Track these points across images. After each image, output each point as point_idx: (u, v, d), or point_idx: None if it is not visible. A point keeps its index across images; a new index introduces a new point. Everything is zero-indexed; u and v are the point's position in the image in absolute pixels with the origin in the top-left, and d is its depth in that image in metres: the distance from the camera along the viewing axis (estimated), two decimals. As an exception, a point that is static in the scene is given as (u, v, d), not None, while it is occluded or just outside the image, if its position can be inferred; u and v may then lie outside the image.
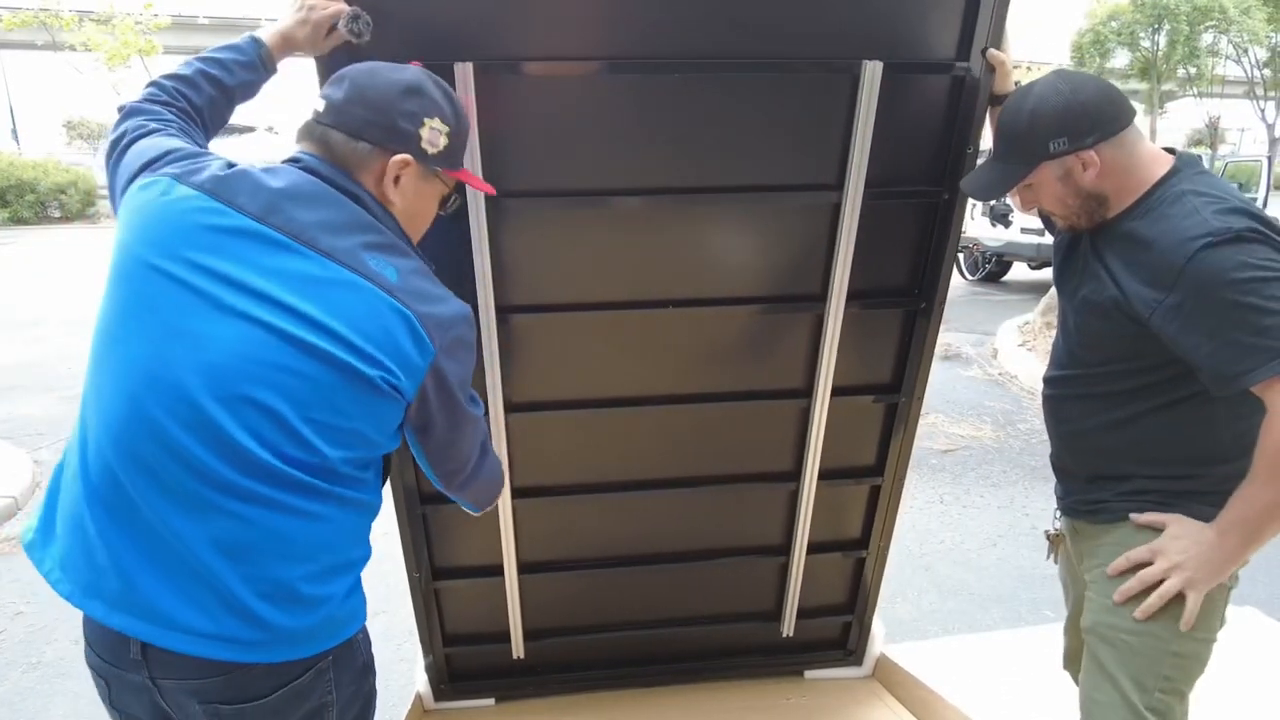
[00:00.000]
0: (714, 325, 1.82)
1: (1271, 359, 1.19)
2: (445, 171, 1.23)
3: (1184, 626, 1.35)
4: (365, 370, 1.05)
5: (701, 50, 1.51)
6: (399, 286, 1.08)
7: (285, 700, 1.12)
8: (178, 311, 1.02)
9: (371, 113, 1.15)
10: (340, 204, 1.11)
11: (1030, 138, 1.36)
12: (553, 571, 2.09)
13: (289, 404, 1.03)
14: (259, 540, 1.06)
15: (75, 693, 2.67)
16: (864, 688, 2.40)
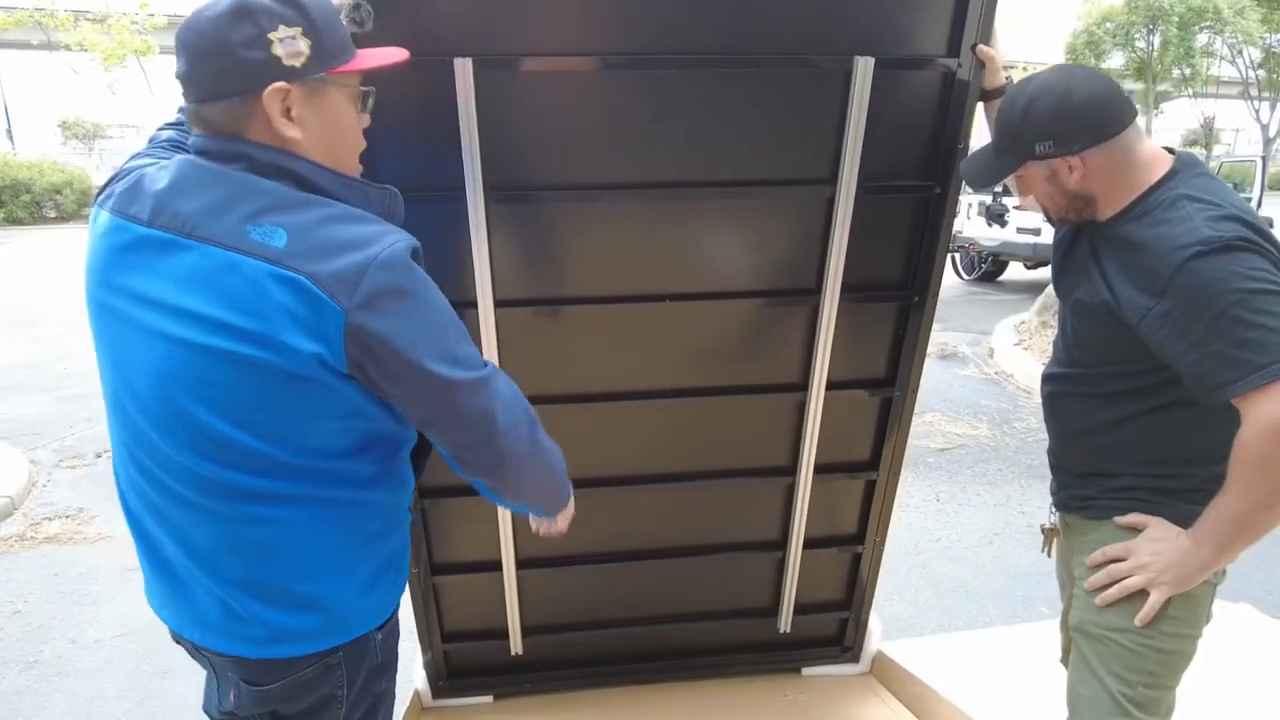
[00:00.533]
0: (710, 319, 1.83)
1: (1251, 372, 1.19)
2: (331, 72, 1.05)
3: (1139, 621, 1.38)
4: (266, 357, 0.96)
5: (696, 46, 1.52)
6: (287, 251, 0.96)
7: (291, 689, 1.16)
8: (114, 340, 1.06)
9: (213, 63, 1.00)
10: (224, 180, 1.01)
11: (1019, 136, 1.35)
12: (551, 567, 2.09)
13: (215, 414, 1.00)
14: (238, 546, 1.08)
15: (73, 691, 2.67)
16: (861, 684, 2.40)
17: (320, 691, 1.18)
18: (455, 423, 1.09)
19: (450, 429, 1.11)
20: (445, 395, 1.05)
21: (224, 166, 1.02)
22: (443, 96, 1.47)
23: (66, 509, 4.05)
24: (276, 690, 1.16)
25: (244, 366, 0.97)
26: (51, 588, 3.32)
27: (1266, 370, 1.18)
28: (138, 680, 2.72)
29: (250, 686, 1.16)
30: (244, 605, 1.10)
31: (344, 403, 1.03)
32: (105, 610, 3.14)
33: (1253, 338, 1.19)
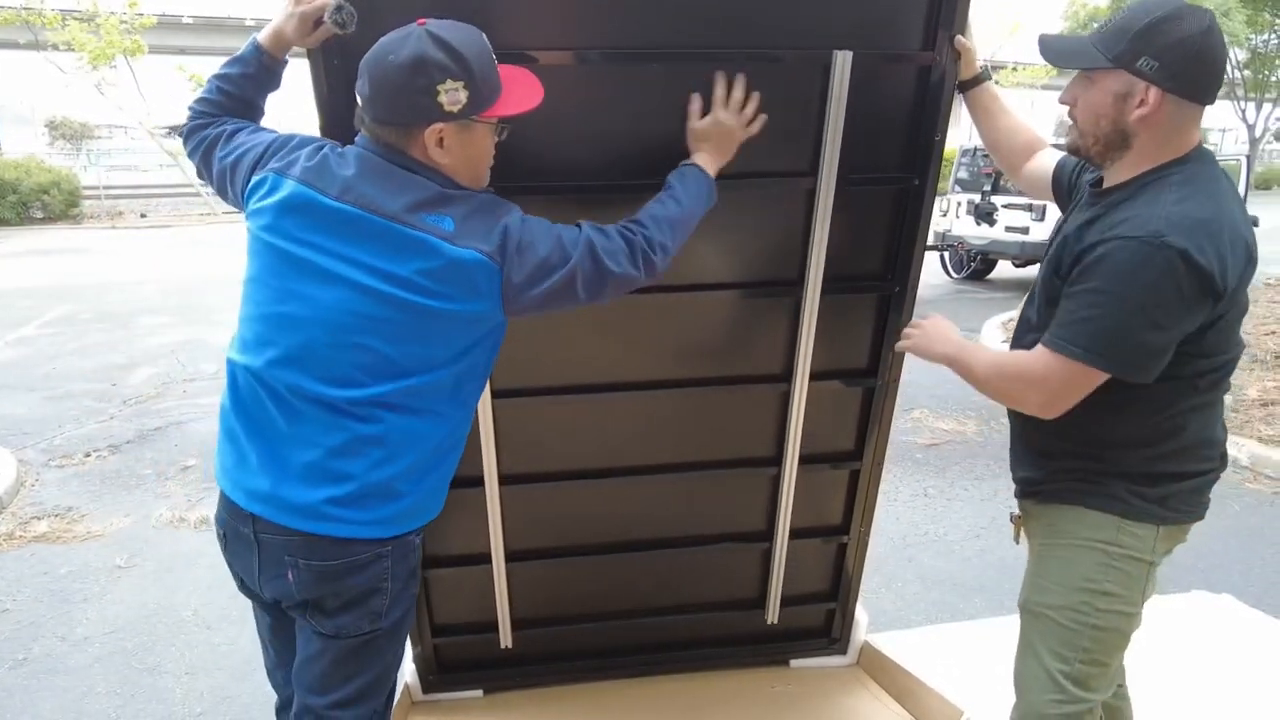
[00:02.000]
0: (695, 311, 1.85)
1: (1059, 340, 1.33)
2: (481, 116, 1.32)
3: (899, 348, 1.67)
4: (436, 306, 1.28)
5: (680, 41, 1.54)
6: (456, 232, 1.28)
7: (348, 570, 1.37)
8: (293, 278, 1.32)
9: (390, 101, 1.29)
10: (395, 175, 1.31)
11: (1134, 38, 1.28)
12: (540, 559, 2.11)
13: (381, 340, 1.30)
14: (353, 442, 1.32)
15: (62, 688, 2.67)
16: (849, 675, 2.42)
17: (369, 579, 1.38)
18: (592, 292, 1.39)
19: (592, 296, 1.40)
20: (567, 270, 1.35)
21: (392, 166, 1.32)
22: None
23: (55, 508, 4.04)
24: (333, 569, 1.36)
25: (416, 310, 1.28)
26: (40, 586, 3.31)
27: (1068, 350, 1.31)
28: (128, 676, 2.72)
29: (315, 564, 1.36)
30: (349, 494, 1.33)
31: (483, 334, 1.37)
32: (94, 608, 3.14)
33: (1092, 321, 1.30)
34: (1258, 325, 6.57)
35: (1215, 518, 3.88)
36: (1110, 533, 1.43)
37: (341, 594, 1.38)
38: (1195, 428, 1.41)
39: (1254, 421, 4.82)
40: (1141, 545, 1.43)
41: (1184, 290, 1.25)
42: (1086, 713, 1.48)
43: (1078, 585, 1.46)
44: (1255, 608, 2.91)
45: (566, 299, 1.38)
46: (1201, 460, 1.43)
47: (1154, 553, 1.44)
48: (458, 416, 1.44)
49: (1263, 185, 30.54)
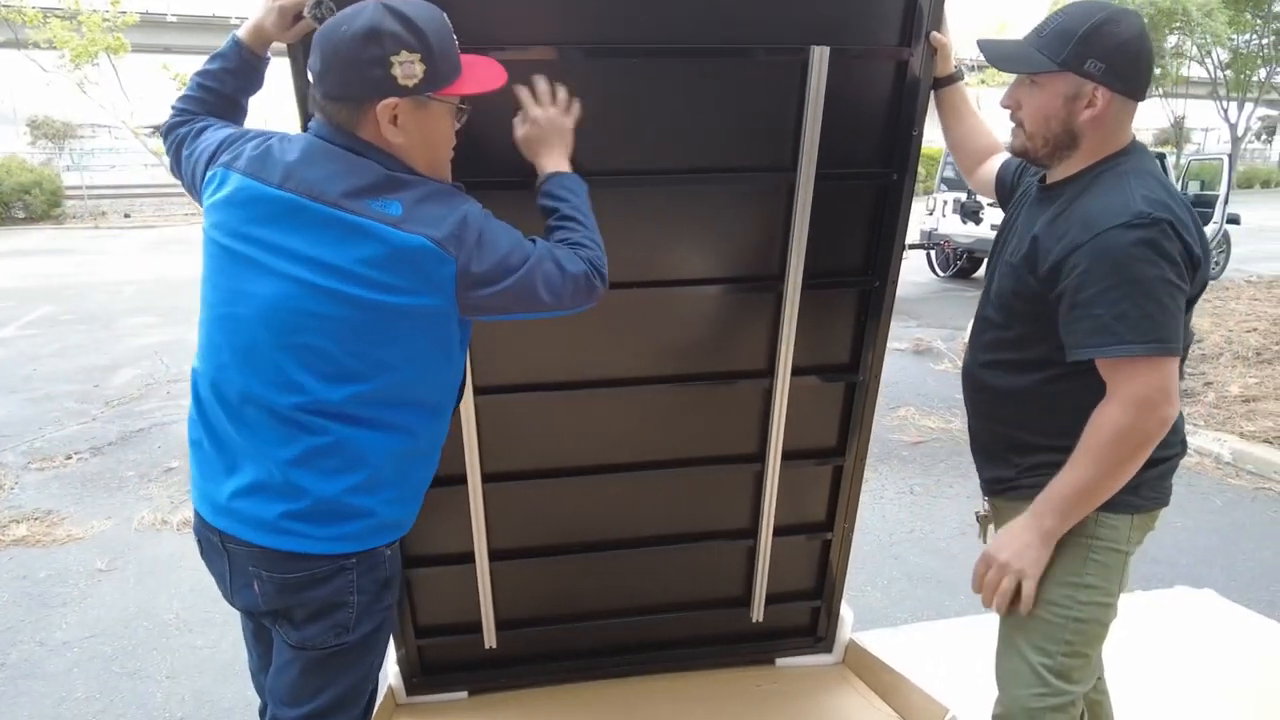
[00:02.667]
0: (677, 306, 1.85)
1: (1112, 343, 1.28)
2: (437, 94, 1.26)
3: (1024, 611, 1.45)
4: (385, 300, 1.21)
5: (659, 36, 1.54)
6: (403, 217, 1.20)
7: (305, 583, 1.32)
8: (239, 278, 1.26)
9: (342, 74, 1.22)
10: (344, 159, 1.24)
11: (1079, 43, 1.32)
12: (523, 558, 2.10)
13: (329, 340, 1.23)
14: (309, 455, 1.26)
15: (41, 693, 2.63)
16: (834, 674, 2.42)
17: (333, 592, 1.33)
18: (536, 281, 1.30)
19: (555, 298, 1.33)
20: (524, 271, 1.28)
21: (340, 149, 1.24)
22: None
23: (35, 511, 3.99)
24: (294, 581, 1.31)
25: (362, 306, 1.20)
26: (19, 590, 3.27)
27: (1129, 346, 1.27)
28: (108, 681, 2.69)
29: (276, 576, 1.32)
30: (302, 508, 1.27)
31: (437, 334, 1.28)
32: (74, 612, 3.10)
33: (1132, 315, 1.26)
34: (1239, 322, 6.64)
35: (1198, 513, 3.94)
36: (1089, 526, 1.44)
37: (307, 605, 1.34)
38: None
39: (1235, 418, 4.86)
40: (1118, 535, 1.45)
41: (1179, 258, 1.29)
42: (1069, 704, 1.49)
43: (1059, 579, 1.46)
44: (1237, 603, 2.94)
45: (527, 300, 1.30)
46: (1167, 446, 1.44)
47: (1129, 542, 1.46)
48: (423, 427, 1.36)
49: (1244, 184, 30.86)
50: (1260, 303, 7.52)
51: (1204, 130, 41.13)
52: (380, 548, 1.38)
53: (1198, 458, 4.59)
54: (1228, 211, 10.66)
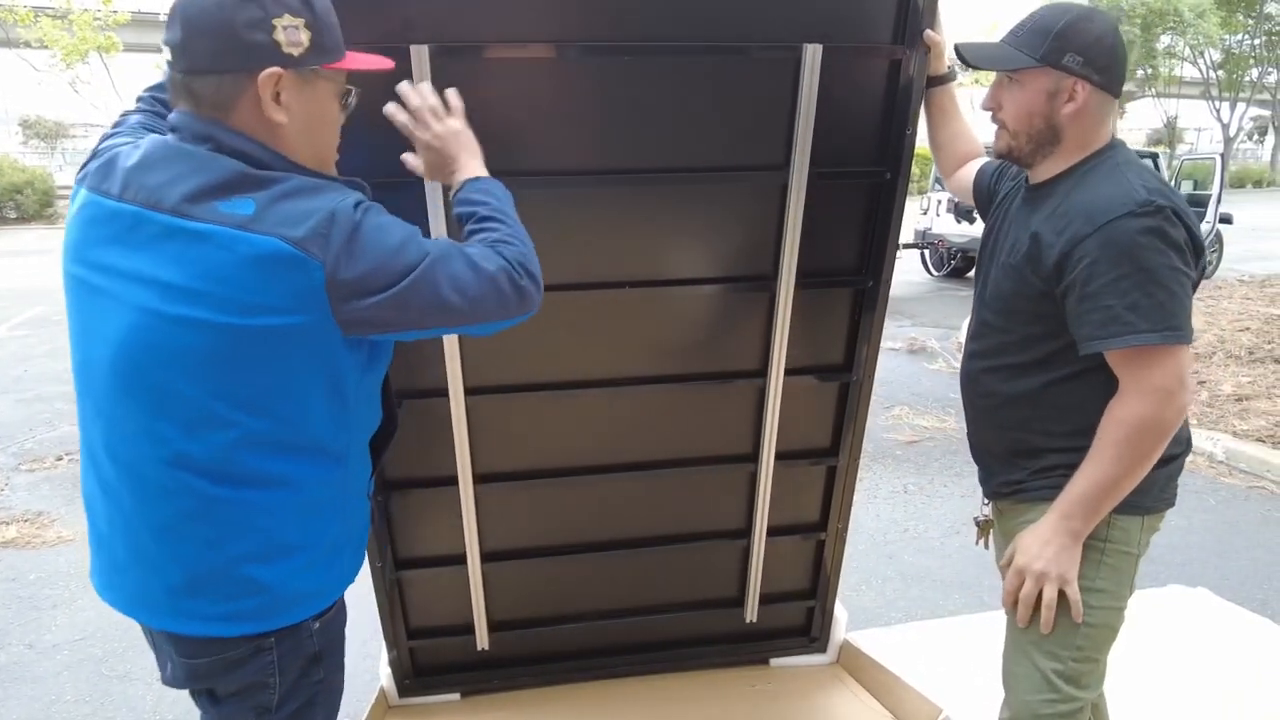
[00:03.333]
0: (671, 306, 1.84)
1: (1126, 333, 1.27)
2: (325, 67, 1.09)
3: (1077, 619, 1.42)
4: (241, 322, 0.99)
5: (651, 34, 1.53)
6: (255, 217, 0.99)
7: (219, 667, 1.16)
8: (85, 314, 1.09)
9: (214, 39, 1.02)
10: (193, 156, 1.04)
11: (1055, 38, 1.35)
12: (516, 559, 2.08)
13: (187, 381, 1.03)
14: (181, 522, 1.09)
15: (30, 696, 2.62)
16: (828, 674, 2.42)
17: (251, 674, 1.17)
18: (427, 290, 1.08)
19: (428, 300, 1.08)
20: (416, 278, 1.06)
21: (192, 146, 1.05)
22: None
23: (25, 512, 3.97)
24: (204, 666, 1.16)
25: (216, 332, 1.00)
26: (8, 592, 3.25)
27: (1143, 335, 1.26)
28: (97, 684, 2.67)
29: (182, 660, 1.17)
30: (182, 583, 1.11)
31: (317, 363, 1.06)
32: (64, 614, 3.08)
33: (1144, 304, 1.26)
34: (1231, 322, 6.66)
35: (1192, 512, 3.95)
36: (1101, 528, 1.42)
37: (224, 687, 1.19)
38: None
39: (1228, 416, 4.88)
40: (1129, 538, 1.44)
41: (1184, 245, 1.29)
42: (1078, 711, 1.47)
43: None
44: (1230, 601, 2.94)
45: (431, 310, 1.07)
46: (1174, 444, 1.43)
47: (1139, 545, 1.46)
48: (323, 478, 1.14)
49: (1237, 184, 31.02)
50: (1253, 302, 7.55)
51: (1197, 130, 41.35)
52: (304, 622, 1.19)
53: (1191, 456, 4.58)
54: (1220, 211, 10.73)
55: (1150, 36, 26.14)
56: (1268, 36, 28.73)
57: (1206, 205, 10.65)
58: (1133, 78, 28.30)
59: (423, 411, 1.80)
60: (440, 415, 1.78)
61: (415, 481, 1.92)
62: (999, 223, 1.57)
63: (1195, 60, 28.87)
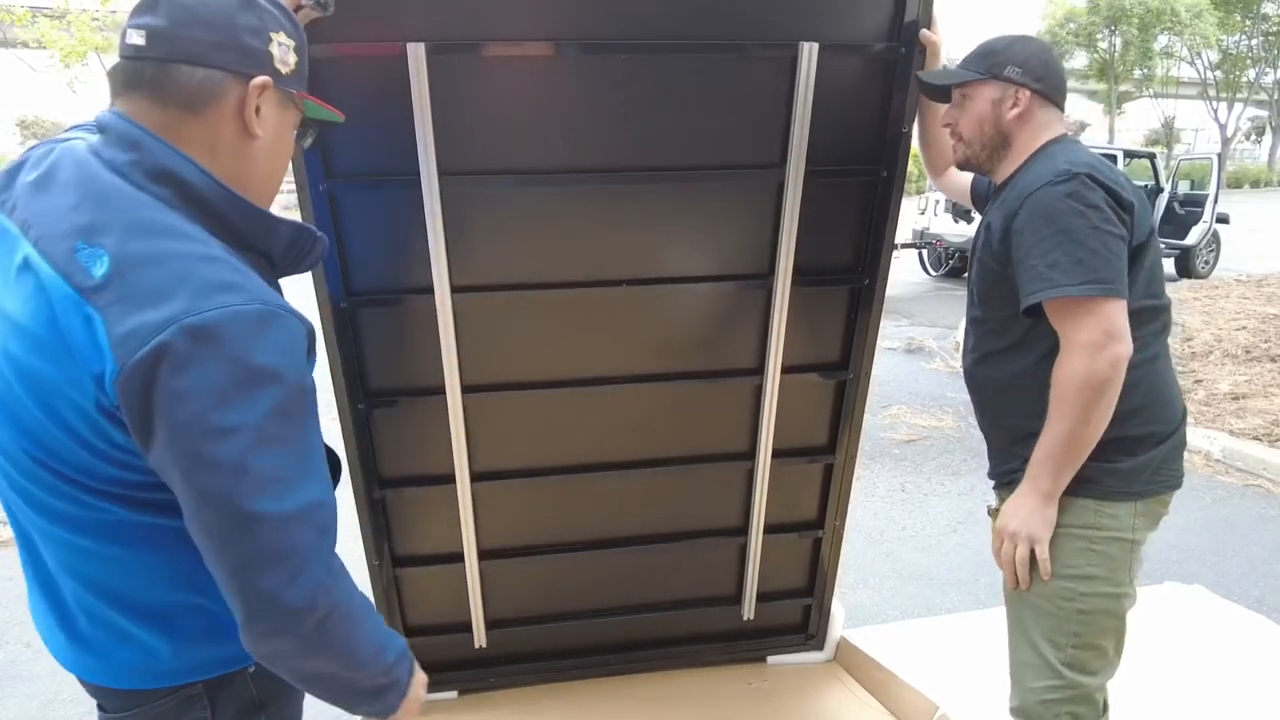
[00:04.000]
0: (668, 304, 1.85)
1: (1047, 287, 1.36)
2: (299, 94, 1.06)
3: (1045, 576, 1.49)
4: (54, 378, 0.88)
5: (647, 33, 1.54)
6: (100, 283, 0.85)
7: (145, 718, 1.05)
8: None
9: (213, 33, 0.95)
10: (88, 183, 0.91)
11: (996, 55, 1.53)
12: (513, 557, 2.09)
13: (14, 429, 0.93)
14: (76, 571, 1.00)
15: (27, 694, 2.62)
16: (825, 671, 2.43)
17: None
18: (207, 535, 0.88)
19: (203, 542, 0.89)
20: (211, 498, 0.87)
21: (107, 162, 0.92)
22: (398, 81, 1.47)
23: (22, 512, 3.97)
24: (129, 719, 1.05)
25: (43, 389, 0.89)
26: (4, 592, 3.26)
27: (1062, 289, 1.35)
28: (95, 683, 2.67)
29: (104, 715, 1.08)
30: (90, 633, 1.01)
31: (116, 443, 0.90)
32: (62, 613, 3.08)
33: (1063, 261, 1.36)
34: (1229, 321, 6.67)
35: (1188, 510, 3.96)
36: (1089, 517, 1.46)
37: None
38: (1150, 382, 1.46)
39: (1225, 415, 4.89)
40: (1120, 525, 1.46)
41: (1104, 204, 1.38)
42: (1086, 696, 1.50)
43: (1060, 572, 1.48)
44: (1226, 598, 2.95)
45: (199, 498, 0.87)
46: (1165, 421, 1.47)
47: (1134, 530, 1.48)
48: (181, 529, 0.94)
49: (1234, 184, 31.11)
50: (1250, 301, 7.56)
51: (1194, 130, 41.44)
52: (239, 670, 1.07)
53: (1188, 455, 4.61)
54: (1217, 211, 10.76)
55: (1148, 37, 26.24)
56: (1265, 37, 28.83)
57: (1203, 205, 10.70)
58: (1130, 78, 28.39)
59: (420, 410, 1.81)
60: (438, 413, 1.79)
61: (412, 479, 1.93)
62: (983, 222, 1.64)
63: (1193, 60, 28.97)
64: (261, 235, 1.00)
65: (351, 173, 1.58)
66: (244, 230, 0.98)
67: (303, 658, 0.95)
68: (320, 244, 1.08)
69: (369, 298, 1.69)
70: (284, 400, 0.89)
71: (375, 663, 1.03)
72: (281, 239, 1.02)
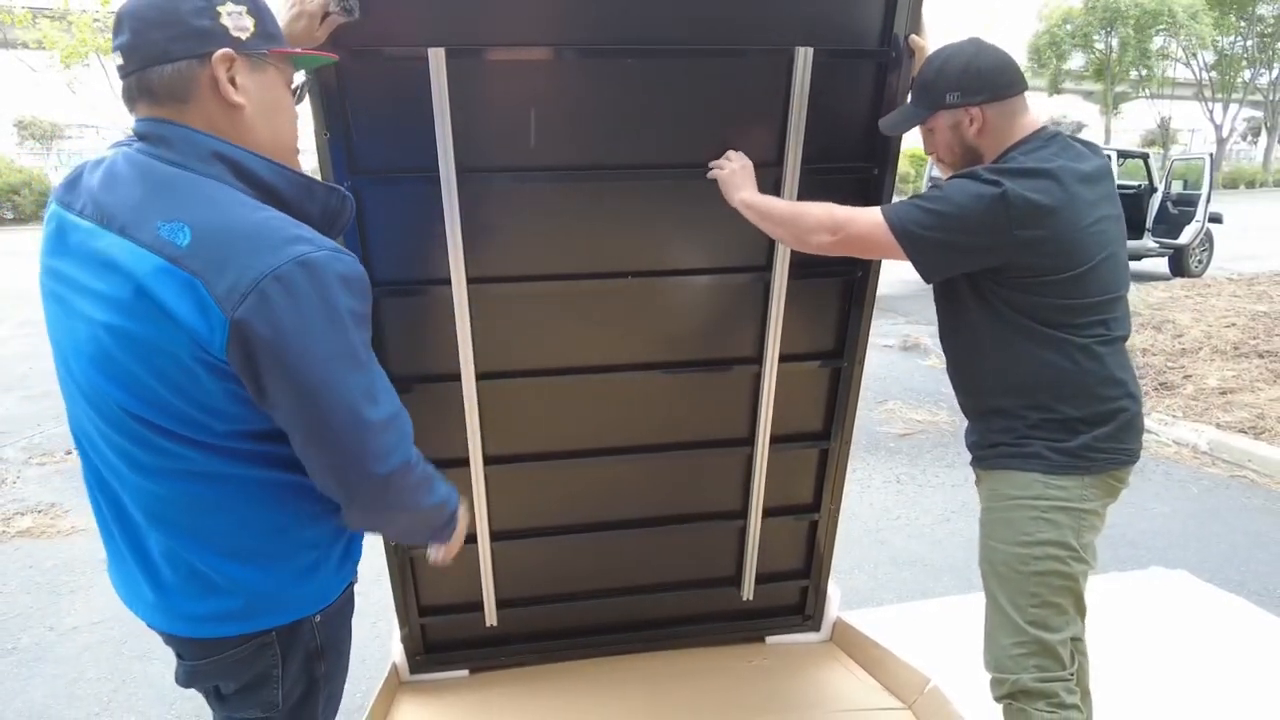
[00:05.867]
0: (671, 295, 1.93)
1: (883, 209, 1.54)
2: (272, 52, 1.11)
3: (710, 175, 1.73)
4: (162, 343, 0.99)
5: (652, 37, 1.64)
6: (188, 251, 0.97)
7: (222, 668, 1.18)
8: (53, 323, 1.12)
9: (165, 29, 1.03)
10: (150, 173, 1.03)
11: (934, 87, 1.59)
12: (524, 539, 2.17)
13: (126, 392, 1.03)
14: (166, 525, 1.10)
15: (53, 675, 2.70)
16: (822, 651, 2.51)
17: (255, 670, 1.18)
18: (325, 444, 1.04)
19: (320, 450, 1.05)
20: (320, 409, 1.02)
21: (158, 158, 1.03)
22: (418, 83, 1.56)
23: (38, 504, 4.05)
24: (206, 668, 1.18)
25: (144, 349, 0.99)
26: (27, 579, 3.34)
27: (876, 212, 1.54)
28: (117, 664, 2.76)
29: (183, 662, 1.19)
30: (174, 584, 1.11)
31: (233, 392, 1.03)
32: (82, 599, 3.17)
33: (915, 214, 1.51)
34: (1219, 318, 6.77)
35: (1175, 500, 4.05)
36: (1037, 489, 1.59)
37: (229, 685, 1.21)
38: (1087, 368, 1.55)
39: (1213, 409, 4.99)
40: (1068, 495, 1.58)
41: (976, 201, 1.46)
42: (1048, 649, 1.61)
43: (1014, 540, 1.62)
44: (1208, 582, 3.05)
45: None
46: (1105, 400, 1.57)
47: (1084, 500, 1.59)
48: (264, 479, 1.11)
49: (1230, 184, 31.20)
50: (1240, 299, 7.66)
51: (1190, 131, 41.51)
52: (306, 618, 1.19)
53: (1176, 448, 4.71)
54: (1210, 211, 10.84)
55: (1144, 37, 26.31)
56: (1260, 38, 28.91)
57: (1196, 205, 10.77)
58: (1126, 79, 28.44)
59: (436, 396, 1.89)
60: (453, 399, 1.87)
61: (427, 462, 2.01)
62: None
63: (1188, 61, 29.04)
64: (303, 196, 1.11)
65: (374, 169, 1.66)
66: (287, 194, 1.09)
67: (393, 513, 1.16)
68: (349, 204, 1.18)
69: (389, 288, 1.76)
70: (365, 332, 1.06)
71: (439, 514, 1.25)
72: (318, 198, 1.13)
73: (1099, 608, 2.77)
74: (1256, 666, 2.54)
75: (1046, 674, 1.61)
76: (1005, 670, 1.64)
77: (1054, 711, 1.59)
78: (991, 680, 1.69)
